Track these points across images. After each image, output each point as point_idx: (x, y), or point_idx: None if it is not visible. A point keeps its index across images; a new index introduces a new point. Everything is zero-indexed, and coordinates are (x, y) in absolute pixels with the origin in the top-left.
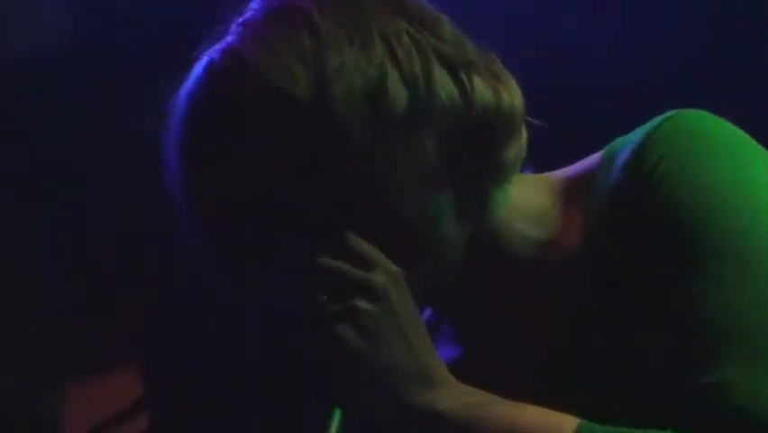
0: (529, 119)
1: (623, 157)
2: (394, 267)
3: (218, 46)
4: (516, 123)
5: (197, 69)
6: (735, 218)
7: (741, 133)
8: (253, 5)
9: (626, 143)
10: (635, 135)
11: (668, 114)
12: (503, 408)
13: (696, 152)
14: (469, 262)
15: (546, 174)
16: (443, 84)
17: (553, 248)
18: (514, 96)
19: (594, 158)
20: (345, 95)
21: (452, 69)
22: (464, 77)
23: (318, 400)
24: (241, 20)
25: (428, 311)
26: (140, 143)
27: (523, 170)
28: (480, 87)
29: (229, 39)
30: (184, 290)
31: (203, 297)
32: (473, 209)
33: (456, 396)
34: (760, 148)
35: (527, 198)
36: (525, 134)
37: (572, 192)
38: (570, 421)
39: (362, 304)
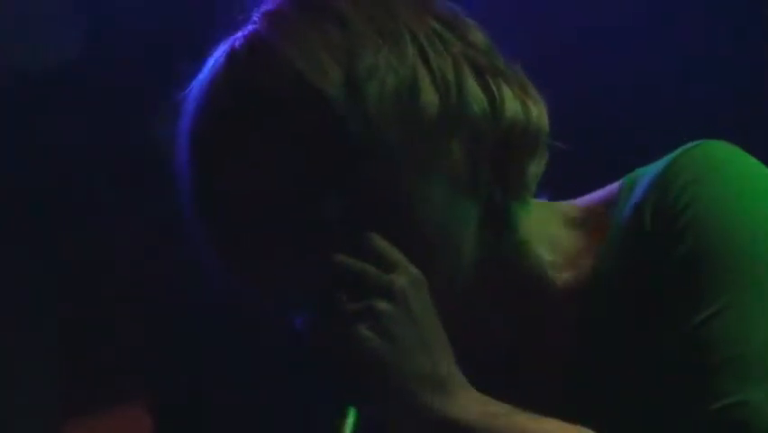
0: (554, 142)
1: (642, 188)
2: (416, 270)
3: (240, 34)
4: (541, 140)
5: (216, 56)
6: (757, 246)
7: (760, 164)
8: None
9: (646, 174)
10: (655, 167)
11: (689, 145)
12: (519, 418)
13: (720, 182)
14: (481, 279)
15: (562, 202)
16: (474, 91)
17: (566, 275)
18: (542, 112)
19: (612, 188)
20: (378, 94)
21: (482, 77)
22: (494, 86)
23: (332, 401)
24: (264, 9)
25: None
26: (142, 158)
27: (539, 196)
28: (510, 99)
29: (252, 27)
30: (191, 314)
31: (211, 319)
32: (493, 223)
33: (472, 405)
34: None
35: (543, 224)
36: (546, 154)
37: (588, 222)
38: None
39: (382, 305)
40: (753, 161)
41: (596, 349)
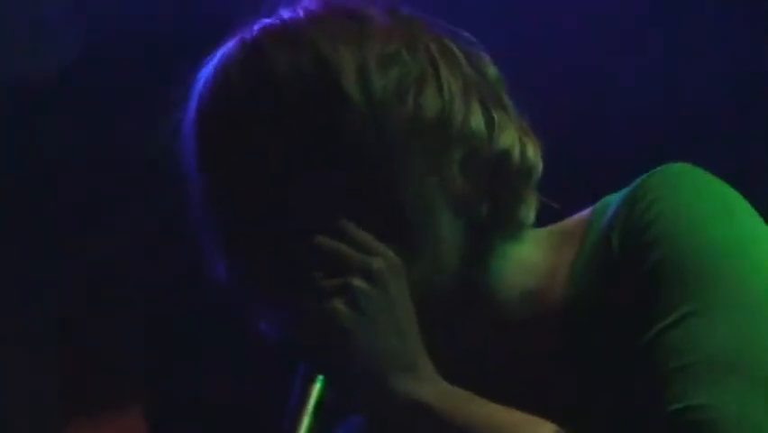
0: (544, 199)
1: (611, 210)
2: (395, 257)
3: (258, 23)
4: (534, 177)
5: (230, 43)
6: (716, 259)
7: (722, 183)
8: (302, 3)
9: (618, 197)
10: (626, 189)
11: (657, 168)
12: (484, 405)
13: (681, 200)
14: (453, 304)
15: (541, 229)
16: (475, 113)
17: (538, 297)
18: (537, 155)
19: (585, 212)
20: (383, 86)
21: (486, 103)
22: (495, 115)
23: (302, 371)
24: (289, 7)
25: None
26: (142, 158)
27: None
28: (508, 130)
29: (273, 18)
30: (191, 314)
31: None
32: (474, 249)
33: (439, 389)
34: (744, 200)
35: (516, 249)
36: (536, 201)
37: (561, 243)
38: (550, 427)
39: (359, 282)
40: (715, 180)
41: (570, 366)
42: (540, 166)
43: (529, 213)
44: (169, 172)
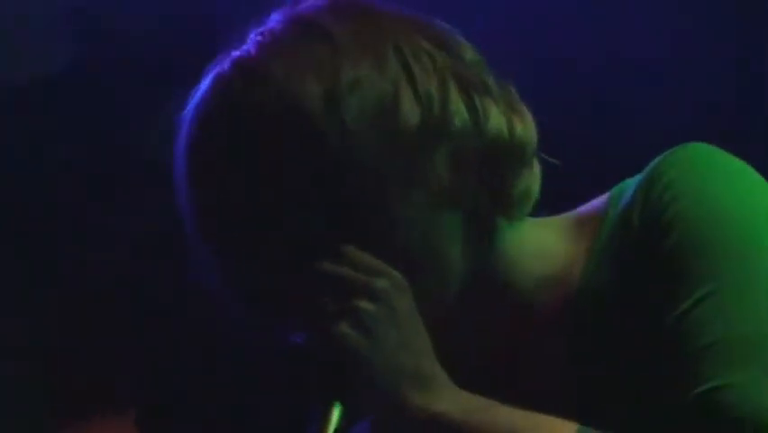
0: (544, 156)
1: (630, 191)
2: (398, 274)
3: (231, 55)
4: (528, 156)
5: (208, 78)
6: (739, 236)
7: (742, 162)
8: (272, 19)
9: (634, 181)
10: (643, 173)
11: (675, 147)
12: (502, 411)
13: (702, 178)
14: (468, 296)
15: (557, 216)
16: (457, 106)
17: (556, 283)
18: (528, 129)
19: (602, 198)
20: (357, 108)
21: (468, 92)
22: (478, 102)
23: (319, 397)
24: (259, 31)
25: None
26: (141, 159)
27: (537, 214)
28: (494, 114)
29: (244, 49)
30: (189, 321)
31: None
32: (479, 240)
33: (454, 399)
34: (761, 178)
35: (535, 238)
36: (537, 172)
37: (579, 229)
38: (571, 427)
39: (364, 304)
40: (734, 159)
41: (589, 351)
42: (534, 137)
43: (530, 187)
44: (169, 173)
